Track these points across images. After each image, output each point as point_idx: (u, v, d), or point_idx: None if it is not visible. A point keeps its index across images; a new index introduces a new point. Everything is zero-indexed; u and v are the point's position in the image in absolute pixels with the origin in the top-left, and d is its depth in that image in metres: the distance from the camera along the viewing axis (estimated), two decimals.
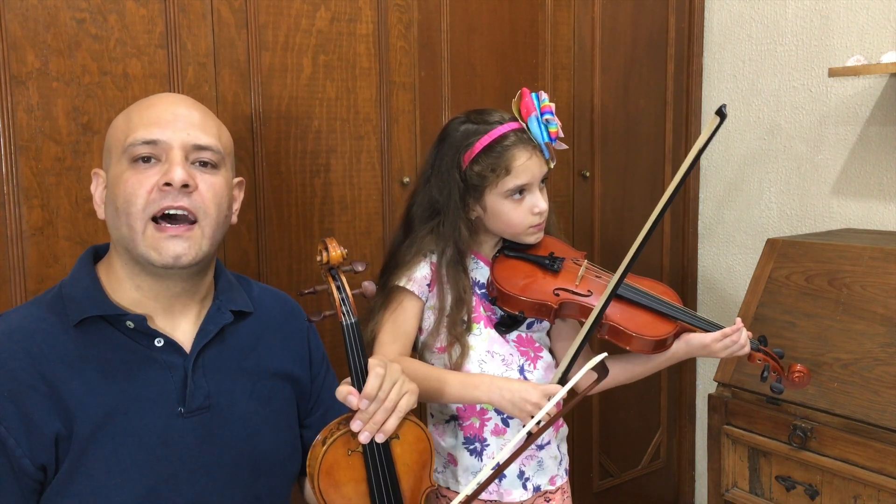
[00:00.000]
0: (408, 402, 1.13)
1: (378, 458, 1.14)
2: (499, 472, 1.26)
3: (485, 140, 1.38)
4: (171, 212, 1.06)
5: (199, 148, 1.08)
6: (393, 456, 1.16)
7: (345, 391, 1.11)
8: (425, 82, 1.96)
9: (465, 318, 1.42)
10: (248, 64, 1.69)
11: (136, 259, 1.07)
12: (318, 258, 1.16)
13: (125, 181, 1.05)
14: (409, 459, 1.17)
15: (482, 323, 1.45)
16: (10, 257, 1.45)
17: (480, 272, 1.47)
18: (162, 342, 1.09)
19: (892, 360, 1.63)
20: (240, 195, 1.20)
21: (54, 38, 1.46)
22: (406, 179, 1.92)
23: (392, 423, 1.11)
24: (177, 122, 1.07)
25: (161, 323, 1.11)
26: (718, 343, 1.40)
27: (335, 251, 1.15)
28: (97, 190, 1.13)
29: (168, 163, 1.05)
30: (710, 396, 1.91)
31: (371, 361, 1.13)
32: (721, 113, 1.20)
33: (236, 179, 1.18)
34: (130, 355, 1.08)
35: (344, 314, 1.14)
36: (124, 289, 1.10)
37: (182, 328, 1.13)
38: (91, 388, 1.04)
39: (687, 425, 2.73)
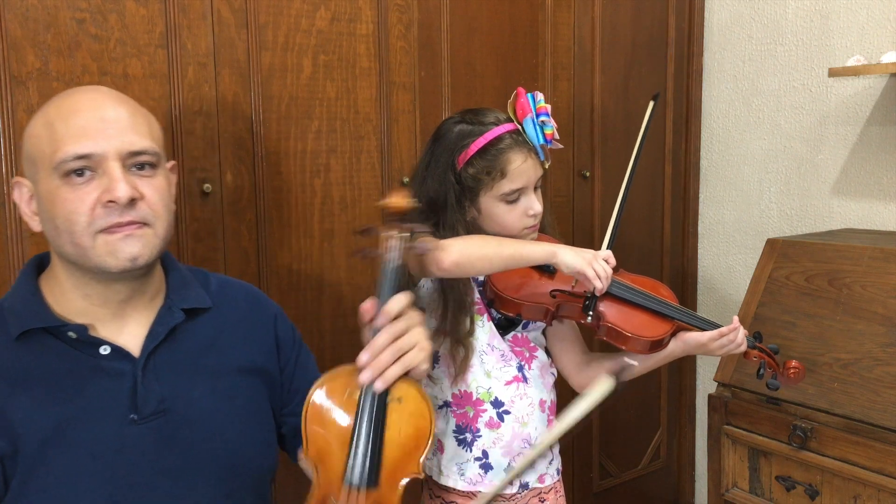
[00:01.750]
0: (415, 357, 1.10)
1: (371, 409, 1.09)
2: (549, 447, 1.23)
3: (480, 142, 1.37)
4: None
5: (136, 153, 1.04)
6: (387, 418, 1.11)
7: (367, 303, 1.10)
8: (425, 82, 1.96)
9: (469, 322, 1.42)
10: (248, 64, 1.69)
11: (84, 269, 1.05)
12: (385, 206, 1.16)
13: (62, 200, 1.01)
14: (402, 429, 1.12)
15: (485, 316, 1.44)
16: (10, 257, 1.45)
17: None
18: (108, 350, 1.07)
19: (892, 360, 1.63)
20: (174, 178, 1.16)
21: (54, 38, 1.46)
22: (406, 179, 1.92)
23: (394, 371, 1.08)
24: (107, 130, 1.02)
25: (109, 329, 1.09)
26: (715, 342, 1.39)
27: (402, 201, 1.16)
28: (23, 200, 1.08)
29: (107, 176, 1.01)
30: (710, 396, 1.91)
31: (398, 294, 1.11)
32: (655, 98, 1.50)
33: (169, 164, 1.14)
34: (76, 366, 1.05)
35: (393, 258, 1.13)
36: (68, 298, 1.08)
37: (132, 332, 1.11)
38: (37, 403, 1.02)
39: (687, 425, 2.72)
